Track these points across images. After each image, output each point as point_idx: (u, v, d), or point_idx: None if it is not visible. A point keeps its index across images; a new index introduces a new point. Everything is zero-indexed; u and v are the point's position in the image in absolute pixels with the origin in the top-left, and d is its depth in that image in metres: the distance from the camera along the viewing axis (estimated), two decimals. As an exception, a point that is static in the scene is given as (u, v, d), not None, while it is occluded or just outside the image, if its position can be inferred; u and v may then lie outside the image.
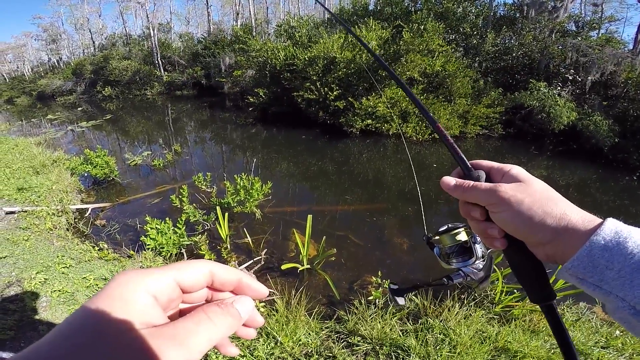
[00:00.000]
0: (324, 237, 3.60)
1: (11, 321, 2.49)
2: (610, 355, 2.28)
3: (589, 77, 9.68)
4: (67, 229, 4.22)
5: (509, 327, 2.53)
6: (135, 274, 0.27)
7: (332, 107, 10.03)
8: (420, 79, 9.93)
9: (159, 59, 22.42)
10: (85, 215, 4.73)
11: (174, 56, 22.73)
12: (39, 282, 2.92)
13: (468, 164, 0.49)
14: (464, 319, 2.55)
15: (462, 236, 0.64)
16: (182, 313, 0.32)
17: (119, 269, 3.26)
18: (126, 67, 20.83)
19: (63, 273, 3.10)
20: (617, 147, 7.94)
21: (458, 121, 9.68)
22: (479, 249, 0.65)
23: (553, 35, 11.02)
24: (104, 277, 3.11)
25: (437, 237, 0.67)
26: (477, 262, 0.65)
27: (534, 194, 0.42)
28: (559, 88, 9.78)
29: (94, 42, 34.34)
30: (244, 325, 0.33)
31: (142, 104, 16.66)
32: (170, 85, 20.79)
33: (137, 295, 0.26)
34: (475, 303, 2.83)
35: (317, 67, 10.37)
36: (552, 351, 2.27)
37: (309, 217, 3.46)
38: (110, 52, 24.08)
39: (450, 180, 0.49)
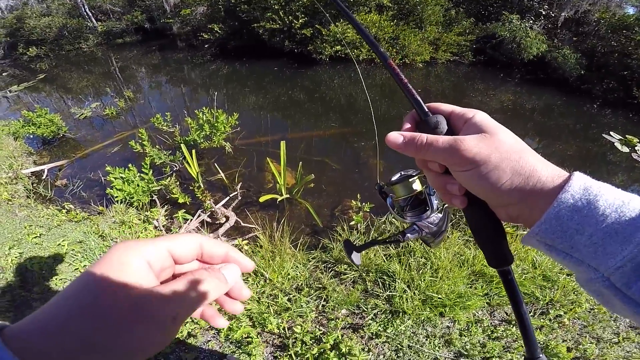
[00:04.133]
0: (300, 163, 3.46)
1: (4, 303, 2.32)
2: (574, 283, 2.35)
3: (563, 14, 9.92)
4: (28, 196, 3.85)
5: None
6: (132, 243, 0.30)
7: (298, 36, 9.50)
8: (390, 5, 9.58)
9: (86, 10, 19.55)
10: (43, 177, 4.32)
11: (105, 4, 19.89)
12: (15, 257, 2.69)
13: (425, 107, 0.42)
14: (443, 241, 2.57)
15: (417, 185, 0.57)
16: None
17: (92, 228, 3.05)
18: (48, 24, 18.00)
19: (36, 244, 2.85)
20: (583, 78, 8.56)
21: (429, 47, 9.67)
22: (434, 200, 0.57)
23: (530, -31, 10.57)
24: (79, 240, 2.88)
25: (388, 187, 0.60)
26: (432, 215, 0.58)
27: (501, 148, 0.36)
28: (531, 21, 9.86)
29: (-1, 5, 29.08)
30: (231, 297, 0.37)
31: (80, 58, 14.86)
32: (108, 34, 18.49)
33: (133, 260, 0.29)
34: (452, 224, 2.85)
35: None
36: (523, 277, 2.34)
37: (282, 143, 3.28)
38: (23, 11, 20.67)
39: (396, 137, 0.41)
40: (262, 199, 3.27)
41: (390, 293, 2.18)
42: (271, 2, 9.64)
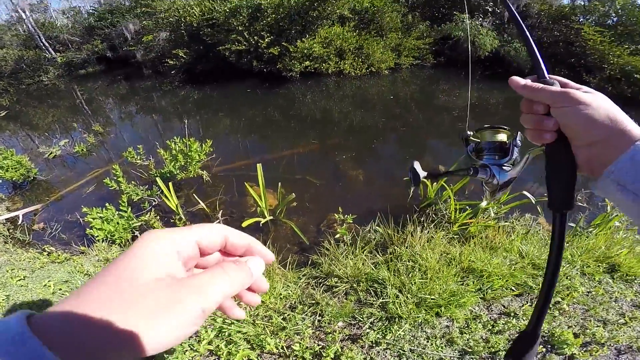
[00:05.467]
0: (280, 183, 3.50)
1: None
2: (564, 268, 2.39)
3: None
4: (6, 242, 3.74)
5: (469, 246, 2.59)
6: (162, 232, 0.30)
7: (266, 55, 9.57)
8: (351, 16, 9.96)
9: (43, 41, 18.84)
10: (19, 223, 4.17)
11: (63, 34, 19.30)
12: (2, 299, 2.61)
13: (546, 71, 0.50)
14: (427, 242, 2.60)
15: (503, 136, 0.62)
16: None
17: (76, 268, 2.98)
18: (3, 57, 17.25)
19: (22, 286, 2.76)
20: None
21: (392, 54, 10.07)
22: (516, 152, 0.61)
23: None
24: (64, 280, 2.81)
25: (476, 133, 0.65)
26: (507, 165, 0.61)
27: (601, 101, 0.44)
28: (480, 19, 10.44)
29: (-53, 39, 27.57)
30: (250, 290, 0.37)
31: (42, 91, 14.25)
32: (69, 65, 17.83)
33: (164, 250, 0.29)
34: (435, 225, 2.88)
35: (241, 17, 9.67)
36: (512, 267, 2.37)
37: (259, 166, 3.32)
38: None
39: (519, 80, 0.50)
40: (244, 224, 3.23)
41: (384, 300, 2.18)
42: (234, 24, 9.66)
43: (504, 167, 0.60)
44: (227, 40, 9.83)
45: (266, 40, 9.39)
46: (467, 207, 2.97)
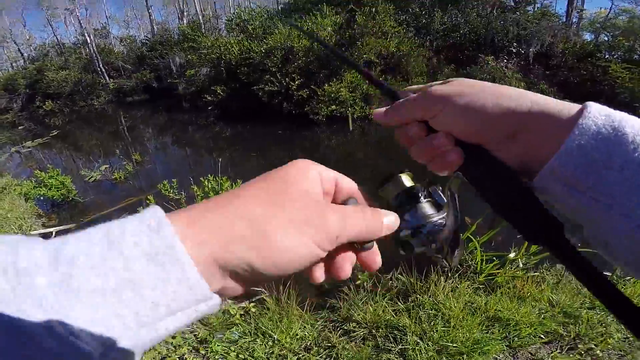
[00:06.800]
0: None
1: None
2: (599, 315, 2.29)
3: (531, 49, 10.58)
4: None
5: (496, 295, 2.54)
6: (308, 161, 0.31)
7: (295, 97, 9.97)
8: (377, 61, 10.25)
9: (100, 65, 20.77)
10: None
11: (118, 61, 21.23)
12: None
13: (392, 89, 0.43)
14: (452, 291, 2.56)
15: (407, 180, 0.43)
16: None
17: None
18: (65, 78, 18.93)
19: None
20: (566, 112, 9.19)
21: None
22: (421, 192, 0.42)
23: (495, 11, 11.67)
24: None
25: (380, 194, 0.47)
26: (434, 215, 0.40)
27: (476, 84, 0.33)
28: (505, 60, 10.58)
29: (22, 54, 31.17)
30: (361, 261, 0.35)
31: (91, 115, 15.47)
32: (118, 92, 19.35)
33: (311, 172, 0.29)
34: (459, 275, 2.85)
35: (275, 59, 10.23)
36: (542, 316, 2.31)
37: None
38: (43, 63, 21.90)
39: (379, 110, 0.41)
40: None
41: (403, 347, 2.13)
42: (269, 65, 10.21)
43: (433, 219, 0.40)
44: (261, 81, 10.34)
45: (296, 82, 9.79)
46: (494, 258, 2.90)
